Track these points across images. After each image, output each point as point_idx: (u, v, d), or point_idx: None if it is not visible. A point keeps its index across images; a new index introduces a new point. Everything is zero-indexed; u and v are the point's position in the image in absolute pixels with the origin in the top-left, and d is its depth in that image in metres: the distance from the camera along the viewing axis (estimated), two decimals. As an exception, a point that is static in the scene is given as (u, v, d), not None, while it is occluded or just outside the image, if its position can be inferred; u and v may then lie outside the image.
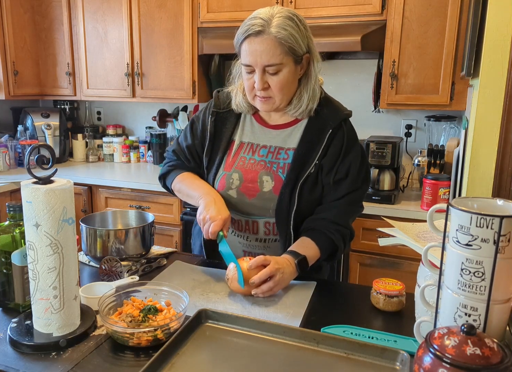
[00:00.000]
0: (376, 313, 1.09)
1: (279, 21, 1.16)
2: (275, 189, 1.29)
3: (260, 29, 1.15)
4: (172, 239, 2.63)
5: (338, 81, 2.81)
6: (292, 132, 1.32)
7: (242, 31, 1.19)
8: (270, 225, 1.33)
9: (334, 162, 1.27)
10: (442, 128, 2.53)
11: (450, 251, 0.76)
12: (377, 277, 1.16)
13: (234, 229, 1.37)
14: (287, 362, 0.87)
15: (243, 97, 1.32)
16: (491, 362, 0.64)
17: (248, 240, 1.36)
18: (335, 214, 1.28)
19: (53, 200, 0.87)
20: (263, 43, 1.16)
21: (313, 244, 1.26)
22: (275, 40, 1.15)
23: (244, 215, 1.34)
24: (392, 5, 2.26)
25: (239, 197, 1.32)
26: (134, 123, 3.44)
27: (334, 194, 1.29)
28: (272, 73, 1.19)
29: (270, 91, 1.22)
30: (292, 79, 1.23)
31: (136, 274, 1.22)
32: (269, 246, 1.35)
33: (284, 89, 1.22)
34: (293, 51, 1.19)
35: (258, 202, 1.31)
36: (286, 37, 1.16)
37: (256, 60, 1.18)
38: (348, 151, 1.28)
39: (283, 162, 1.30)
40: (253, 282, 1.10)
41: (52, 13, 3.01)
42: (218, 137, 1.37)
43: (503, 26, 1.46)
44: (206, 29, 2.66)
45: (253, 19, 1.18)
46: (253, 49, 1.17)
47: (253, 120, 1.37)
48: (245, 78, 1.24)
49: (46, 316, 0.92)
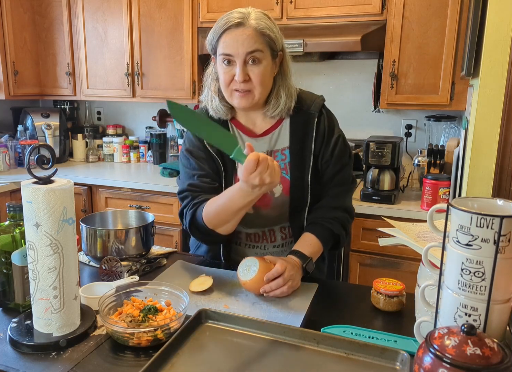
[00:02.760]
0: (376, 313, 1.09)
1: (257, 14, 1.20)
2: (285, 190, 1.30)
3: (240, 21, 1.17)
4: (172, 239, 2.63)
5: (338, 81, 2.81)
6: (280, 132, 1.32)
7: (220, 25, 1.19)
8: (285, 229, 1.35)
9: (320, 146, 1.30)
10: (442, 128, 2.53)
11: (450, 251, 0.76)
12: (377, 277, 1.16)
13: (249, 241, 1.37)
14: (287, 362, 0.87)
15: (219, 101, 1.29)
16: (491, 362, 0.64)
17: (265, 248, 1.36)
18: (331, 199, 1.31)
19: (53, 200, 0.87)
20: (244, 32, 1.17)
21: (315, 239, 1.27)
22: (256, 31, 1.18)
23: (260, 227, 1.34)
24: (392, 5, 2.26)
25: (255, 211, 1.31)
26: (134, 123, 3.44)
27: (324, 177, 1.32)
28: (252, 63, 1.19)
29: (250, 84, 1.21)
30: (270, 73, 1.25)
31: (136, 274, 1.22)
32: (286, 249, 1.36)
33: (265, 82, 1.23)
34: (271, 45, 1.21)
35: (274, 211, 1.31)
36: (265, 28, 1.19)
37: (237, 49, 1.17)
38: (330, 133, 1.31)
39: (283, 163, 1.31)
40: (266, 279, 1.11)
41: (52, 13, 3.01)
42: (221, 155, 1.29)
43: (503, 26, 1.46)
44: (206, 29, 2.64)
45: (230, 14, 1.20)
46: (234, 39, 1.18)
47: (240, 133, 1.33)
48: (223, 72, 1.22)
49: (46, 316, 0.92)
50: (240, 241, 1.38)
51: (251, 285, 1.12)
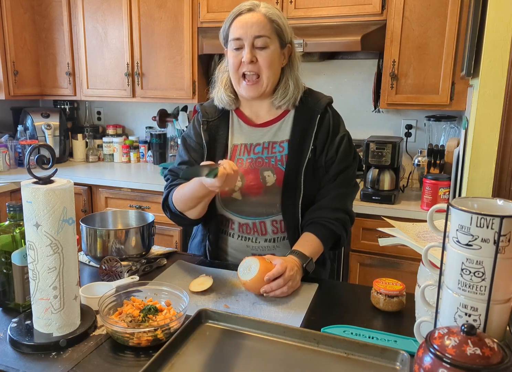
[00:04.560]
0: (376, 313, 1.09)
1: (267, 5, 1.27)
2: (278, 181, 1.31)
3: (251, 7, 1.25)
4: (172, 239, 2.63)
5: (338, 81, 2.81)
6: (281, 125, 1.34)
7: (232, 13, 1.26)
8: (277, 222, 1.34)
9: (324, 143, 1.31)
10: (442, 128, 2.53)
11: (450, 251, 0.76)
12: (377, 277, 1.16)
13: (242, 232, 1.37)
14: (287, 362, 0.87)
15: (224, 91, 1.34)
16: (491, 362, 0.64)
17: (257, 241, 1.36)
18: (332, 199, 1.31)
19: (53, 200, 0.87)
20: (254, 16, 1.24)
21: (315, 239, 1.27)
22: (265, 17, 1.24)
23: (251, 216, 1.34)
24: (392, 5, 2.26)
25: (244, 197, 1.33)
26: (134, 123, 3.44)
27: (327, 175, 1.32)
28: (260, 47, 1.24)
29: (258, 67, 1.25)
30: (278, 61, 1.28)
31: (136, 274, 1.22)
32: (278, 245, 1.36)
33: (272, 66, 1.26)
34: (279, 33, 1.26)
35: (264, 198, 1.32)
36: (274, 16, 1.25)
37: (246, 31, 1.23)
38: (335, 132, 1.32)
39: (280, 155, 1.32)
40: (267, 279, 1.12)
41: (52, 13, 3.01)
42: (213, 144, 1.37)
43: (503, 26, 1.46)
44: (206, 29, 2.66)
45: (241, 4, 1.26)
46: (243, 22, 1.24)
47: (241, 122, 1.37)
48: (232, 56, 1.27)
49: (46, 316, 0.92)
50: (233, 232, 1.37)
51: (251, 285, 1.12)
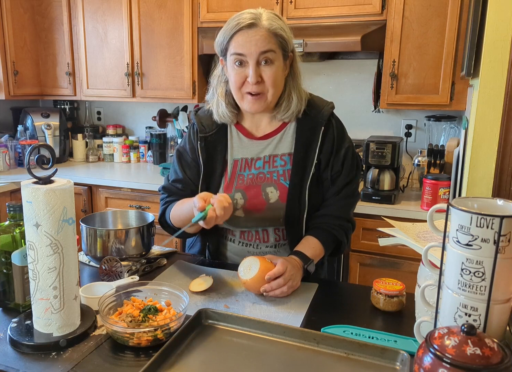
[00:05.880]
0: (376, 313, 1.09)
1: (268, 15, 1.19)
2: (282, 197, 1.28)
3: (253, 21, 1.16)
4: (172, 239, 2.62)
5: (338, 81, 2.80)
6: (281, 137, 1.31)
7: (232, 26, 1.18)
8: (279, 230, 1.34)
9: (329, 157, 1.29)
10: (442, 128, 2.53)
11: (450, 251, 0.76)
12: (377, 277, 1.16)
13: (243, 239, 1.36)
14: (287, 362, 0.87)
15: (226, 106, 1.28)
16: (491, 362, 0.64)
17: (258, 247, 1.35)
18: (336, 209, 1.31)
19: (53, 200, 0.87)
20: (257, 33, 1.16)
21: (317, 242, 1.27)
22: (269, 31, 1.17)
23: (254, 227, 1.34)
24: (392, 5, 2.26)
25: (246, 215, 1.30)
26: (134, 123, 3.44)
27: (333, 188, 1.31)
28: (265, 64, 1.18)
29: (263, 86, 1.20)
30: (282, 75, 1.24)
31: (136, 274, 1.22)
32: (279, 250, 1.36)
33: (277, 84, 1.21)
34: (283, 45, 1.20)
35: (267, 214, 1.30)
36: (278, 28, 1.18)
37: (250, 48, 1.16)
38: (340, 145, 1.30)
39: (282, 170, 1.29)
40: (267, 279, 1.11)
41: (52, 13, 3.01)
42: (211, 161, 1.32)
43: (503, 26, 1.45)
44: (206, 29, 2.66)
45: (240, 15, 1.19)
46: (247, 39, 1.16)
47: (240, 135, 1.33)
48: (234, 73, 1.20)
49: (46, 316, 0.92)
50: (234, 238, 1.37)
51: (252, 284, 1.12)
